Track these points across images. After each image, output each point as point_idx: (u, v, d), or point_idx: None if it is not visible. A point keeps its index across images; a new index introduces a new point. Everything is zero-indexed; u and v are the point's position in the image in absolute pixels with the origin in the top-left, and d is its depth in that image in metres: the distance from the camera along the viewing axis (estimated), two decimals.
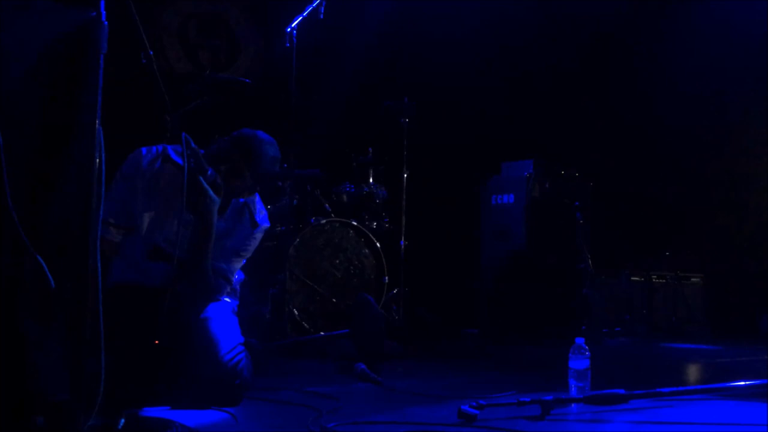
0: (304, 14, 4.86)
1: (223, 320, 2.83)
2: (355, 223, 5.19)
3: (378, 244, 5.20)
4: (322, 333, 4.59)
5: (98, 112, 1.69)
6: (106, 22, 1.73)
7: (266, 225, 3.06)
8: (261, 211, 3.05)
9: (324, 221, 5.07)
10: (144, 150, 2.84)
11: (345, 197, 5.42)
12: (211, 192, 2.67)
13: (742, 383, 2.84)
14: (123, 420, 2.05)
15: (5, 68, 1.66)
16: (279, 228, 5.03)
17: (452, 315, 6.02)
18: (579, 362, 2.84)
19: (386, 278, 5.19)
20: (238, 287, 3.11)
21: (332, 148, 5.81)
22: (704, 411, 2.78)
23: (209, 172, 2.68)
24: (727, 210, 6.83)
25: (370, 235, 5.20)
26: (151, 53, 2.45)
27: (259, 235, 3.05)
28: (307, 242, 4.96)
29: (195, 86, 4.06)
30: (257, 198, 3.06)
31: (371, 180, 5.51)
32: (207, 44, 6.55)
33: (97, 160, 1.68)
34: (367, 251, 5.22)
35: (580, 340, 2.88)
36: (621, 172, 6.60)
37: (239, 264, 3.04)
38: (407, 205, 5.38)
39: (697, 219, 6.91)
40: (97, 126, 1.69)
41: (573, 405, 2.74)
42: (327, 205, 5.30)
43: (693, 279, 6.56)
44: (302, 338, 4.47)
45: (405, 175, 5.41)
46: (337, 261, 5.10)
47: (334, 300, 5.00)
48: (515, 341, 5.46)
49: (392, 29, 6.57)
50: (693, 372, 4.35)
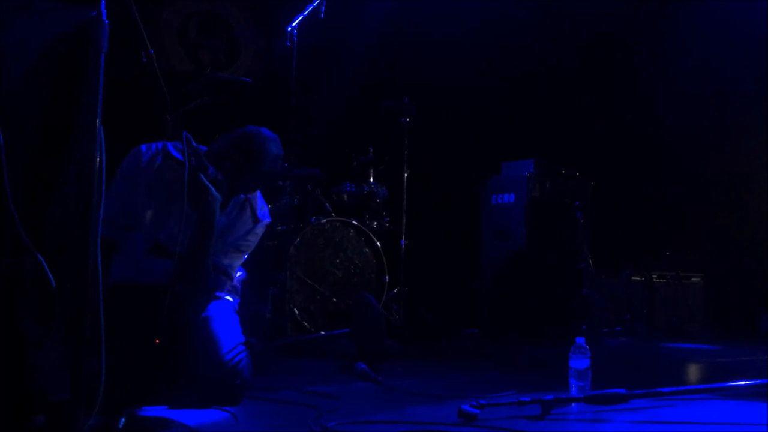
0: (305, 13, 4.86)
1: (225, 319, 2.82)
2: (356, 223, 5.19)
3: (378, 244, 5.20)
4: (323, 332, 4.59)
5: (99, 112, 1.69)
6: (107, 21, 1.73)
7: (268, 220, 3.05)
8: (262, 207, 3.04)
9: (324, 220, 5.07)
10: (144, 147, 2.82)
11: (345, 197, 5.42)
12: (213, 189, 2.67)
13: (743, 383, 2.84)
14: (123, 419, 2.05)
15: (5, 68, 1.66)
16: (279, 227, 5.03)
17: (452, 315, 6.02)
18: (579, 362, 2.84)
19: (387, 278, 5.19)
20: (239, 285, 3.10)
21: (332, 148, 5.81)
22: (704, 411, 2.78)
23: (210, 171, 2.67)
24: (727, 210, 6.82)
25: (371, 235, 5.20)
26: (152, 52, 2.44)
27: (261, 231, 3.04)
28: (308, 241, 4.97)
29: (195, 86, 4.05)
30: (258, 193, 3.05)
31: (372, 179, 5.52)
32: (207, 44, 6.55)
33: (98, 160, 1.68)
34: (368, 251, 5.22)
35: (581, 340, 2.87)
36: (621, 172, 6.60)
37: (240, 260, 3.03)
38: (408, 205, 5.38)
39: (697, 219, 6.91)
40: (98, 125, 1.69)
41: (573, 404, 2.74)
42: (327, 205, 5.30)
43: (693, 279, 6.56)
44: (303, 337, 4.47)
45: (405, 175, 5.42)
46: (338, 260, 5.10)
47: (335, 299, 5.00)
48: (515, 341, 5.46)
49: (392, 29, 6.57)
50: (693, 372, 4.34)
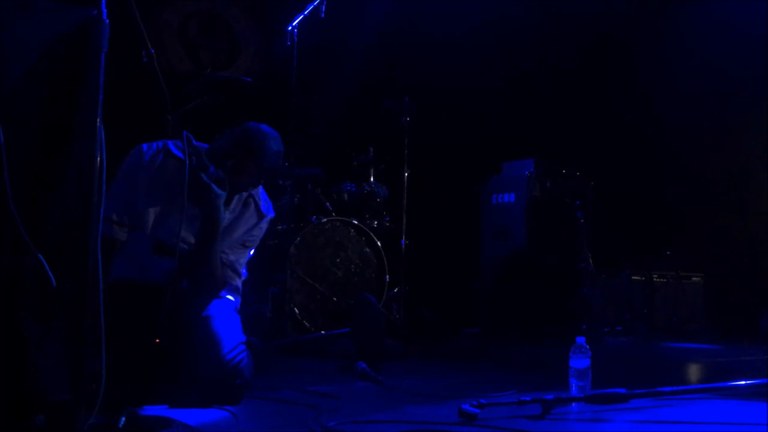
0: (305, 13, 4.86)
1: (225, 318, 2.82)
2: (356, 222, 5.19)
3: (379, 243, 5.20)
4: (323, 332, 4.59)
5: (99, 111, 1.69)
6: (107, 21, 1.73)
7: (272, 215, 3.06)
8: (266, 202, 3.04)
9: (325, 220, 5.07)
10: (144, 146, 2.82)
11: (346, 196, 5.42)
12: (215, 187, 2.66)
13: (743, 382, 2.84)
14: (123, 419, 2.05)
15: (5, 68, 1.66)
16: (280, 227, 5.03)
17: (452, 315, 6.02)
18: (580, 361, 2.84)
19: (387, 277, 5.19)
20: (240, 285, 3.11)
21: (333, 148, 5.81)
22: (705, 410, 2.78)
23: (211, 170, 2.67)
24: (727, 210, 6.82)
25: (371, 234, 5.20)
26: (153, 52, 2.44)
27: (265, 226, 3.04)
28: (308, 241, 4.97)
29: (195, 85, 4.04)
30: (261, 189, 3.05)
31: (372, 179, 5.52)
32: (207, 43, 6.55)
33: (98, 160, 1.68)
34: (368, 250, 5.22)
35: (581, 340, 2.87)
36: (621, 172, 6.61)
37: (246, 255, 3.03)
38: (408, 205, 5.38)
39: (697, 219, 6.91)
40: (99, 125, 1.69)
41: (573, 404, 2.74)
42: (328, 204, 5.31)
43: (693, 278, 6.56)
44: (303, 337, 4.47)
45: (406, 175, 5.41)
46: (338, 260, 5.10)
47: (335, 299, 5.00)
48: (515, 341, 5.46)
49: (392, 29, 6.57)
50: (693, 371, 4.35)
